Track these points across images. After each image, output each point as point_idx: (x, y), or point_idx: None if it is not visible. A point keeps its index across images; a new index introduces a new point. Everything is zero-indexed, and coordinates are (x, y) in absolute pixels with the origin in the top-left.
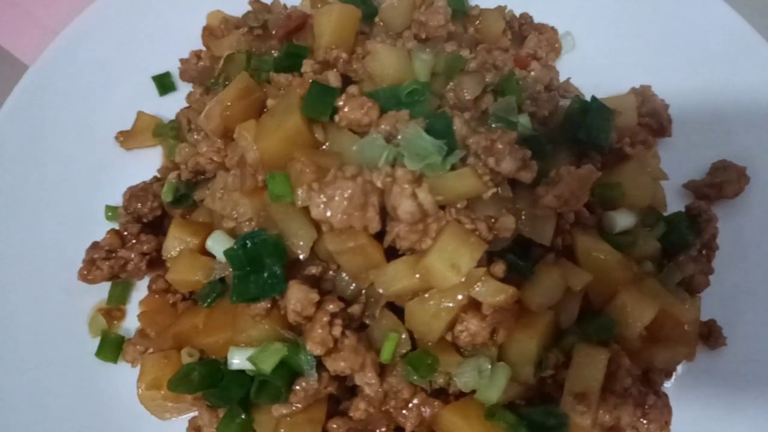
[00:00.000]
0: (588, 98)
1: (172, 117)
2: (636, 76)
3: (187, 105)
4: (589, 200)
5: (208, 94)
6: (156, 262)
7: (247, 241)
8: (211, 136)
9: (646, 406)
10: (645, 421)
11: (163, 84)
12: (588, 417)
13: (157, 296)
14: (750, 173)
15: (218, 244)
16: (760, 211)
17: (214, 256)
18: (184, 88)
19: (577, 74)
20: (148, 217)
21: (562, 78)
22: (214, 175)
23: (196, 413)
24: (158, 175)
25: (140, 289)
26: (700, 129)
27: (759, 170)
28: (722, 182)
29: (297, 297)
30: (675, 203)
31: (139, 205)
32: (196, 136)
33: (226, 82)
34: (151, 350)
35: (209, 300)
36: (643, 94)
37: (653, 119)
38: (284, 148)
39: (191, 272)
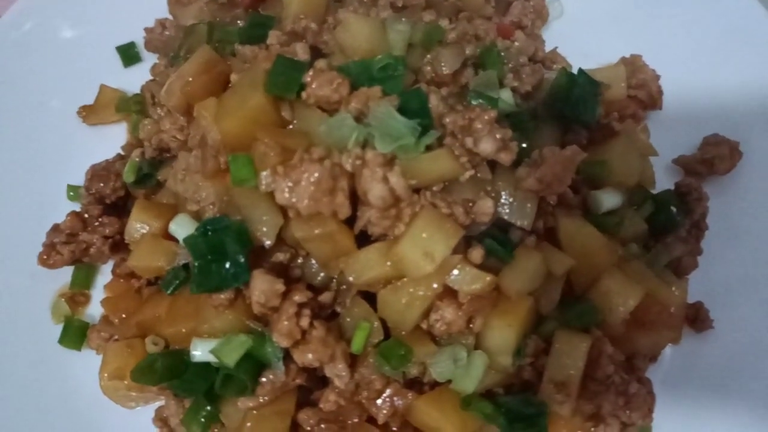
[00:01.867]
0: (575, 68)
1: (138, 91)
2: (627, 43)
3: (152, 78)
4: (574, 179)
5: (173, 66)
6: (120, 245)
7: (209, 228)
8: (174, 113)
9: (629, 394)
10: (627, 410)
11: (128, 55)
12: (568, 406)
13: (121, 281)
14: (743, 148)
15: (182, 228)
16: (753, 189)
17: (178, 240)
18: (150, 60)
19: (564, 42)
20: (110, 198)
21: (548, 47)
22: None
23: (163, 402)
24: (122, 153)
25: (106, 273)
26: (692, 101)
27: (753, 145)
28: (713, 158)
29: (261, 288)
30: (664, 180)
31: (101, 185)
32: (159, 112)
33: (188, 56)
34: (116, 337)
35: (172, 287)
36: (633, 63)
37: (643, 91)
38: (247, 128)
39: (153, 258)
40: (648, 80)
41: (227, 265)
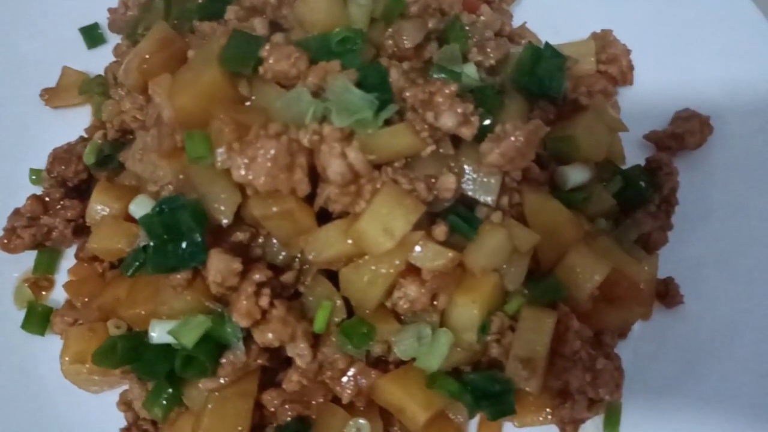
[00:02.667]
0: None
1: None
2: (599, 19)
3: (115, 59)
4: (541, 154)
5: (135, 46)
6: (83, 229)
7: (164, 207)
8: (133, 93)
9: (596, 370)
10: (594, 386)
11: (92, 36)
12: (534, 382)
13: (85, 265)
14: (714, 123)
15: (141, 209)
16: (723, 163)
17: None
18: (115, 41)
19: (536, 18)
20: (73, 181)
21: (518, 22)
22: None
23: (127, 386)
24: (85, 135)
25: (71, 258)
26: (664, 76)
27: (724, 119)
28: (684, 132)
29: (217, 267)
30: (636, 156)
31: (63, 167)
32: (120, 92)
33: (145, 33)
34: (81, 322)
35: (132, 269)
36: (603, 39)
37: (614, 66)
38: (201, 104)
39: (113, 240)
40: (618, 55)
41: (184, 245)
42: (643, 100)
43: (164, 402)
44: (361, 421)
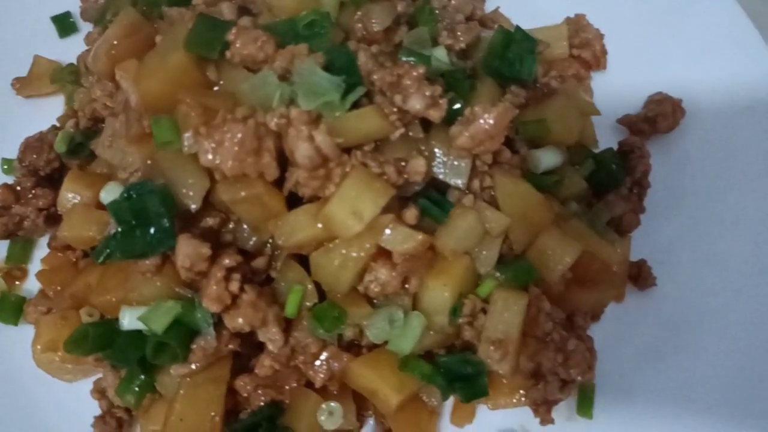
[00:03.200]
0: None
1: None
2: (573, 4)
3: (87, 47)
4: (513, 138)
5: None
6: (55, 218)
7: (132, 193)
8: (103, 80)
9: (567, 351)
10: (566, 367)
11: (63, 25)
12: (506, 364)
13: (58, 254)
14: (687, 106)
15: (112, 196)
16: (695, 146)
17: None
18: (87, 30)
19: (509, 3)
20: (45, 170)
21: (492, 6)
22: None
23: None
24: (57, 124)
25: (44, 247)
26: (637, 61)
27: (697, 103)
28: (656, 116)
29: (185, 252)
30: (610, 140)
31: (35, 156)
32: (91, 80)
33: (114, 19)
34: (55, 311)
35: (103, 256)
36: (577, 23)
37: (587, 50)
38: (168, 89)
39: (85, 227)
40: (592, 39)
41: (152, 231)
42: (616, 85)
43: (137, 389)
44: (333, 404)
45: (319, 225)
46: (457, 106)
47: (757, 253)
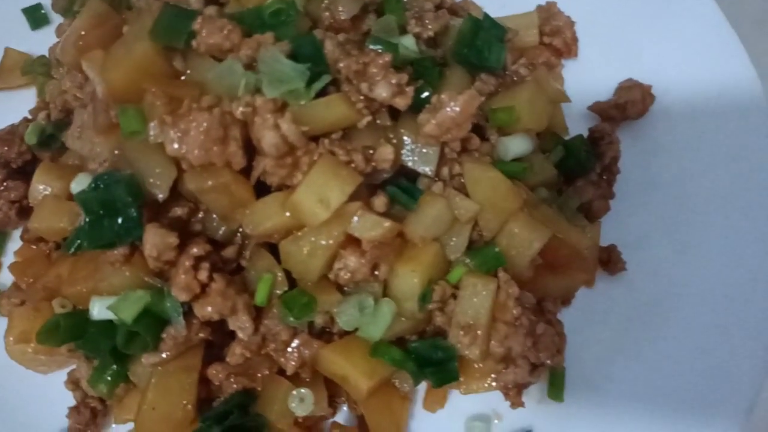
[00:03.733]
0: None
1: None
2: None
3: (58, 39)
4: (483, 126)
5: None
6: (28, 210)
7: (99, 183)
8: (72, 71)
9: (536, 335)
10: (535, 350)
11: (35, 17)
12: (476, 348)
13: (32, 246)
14: (657, 93)
15: (82, 187)
16: (665, 132)
17: None
18: (59, 22)
19: None
20: (16, 162)
21: None
22: None
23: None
24: (29, 117)
25: (17, 239)
26: (609, 48)
27: (667, 89)
28: (626, 102)
29: (153, 241)
30: (582, 127)
31: (6, 148)
32: (61, 71)
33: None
34: (28, 303)
35: (73, 247)
36: (548, 11)
37: (558, 38)
38: (134, 79)
39: (55, 219)
40: (563, 27)
41: (120, 220)
42: (588, 72)
43: (109, 378)
44: (304, 390)
45: (287, 213)
46: (426, 94)
47: (726, 238)
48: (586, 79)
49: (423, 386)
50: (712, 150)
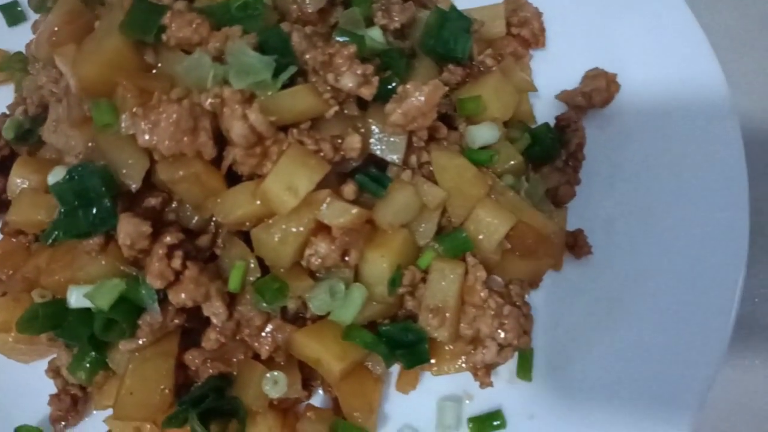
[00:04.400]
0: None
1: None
2: None
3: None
4: (452, 115)
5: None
6: (6, 204)
7: (74, 175)
8: (48, 66)
9: (503, 316)
10: (502, 331)
11: (11, 14)
12: (444, 330)
13: (12, 239)
14: (624, 82)
15: (59, 179)
16: (630, 119)
17: None
18: (35, 18)
19: None
20: None
21: None
22: None
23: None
24: (7, 112)
25: None
26: (577, 38)
27: (634, 79)
28: (592, 90)
29: (127, 230)
30: (551, 116)
31: None
32: (37, 67)
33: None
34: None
35: (51, 238)
36: (515, 2)
37: (526, 29)
38: (105, 72)
39: (33, 211)
40: (530, 18)
41: (94, 210)
42: (557, 62)
43: (88, 366)
44: (277, 373)
45: (257, 201)
46: (393, 84)
47: (686, 226)
48: (555, 69)
49: (397, 369)
50: (675, 140)
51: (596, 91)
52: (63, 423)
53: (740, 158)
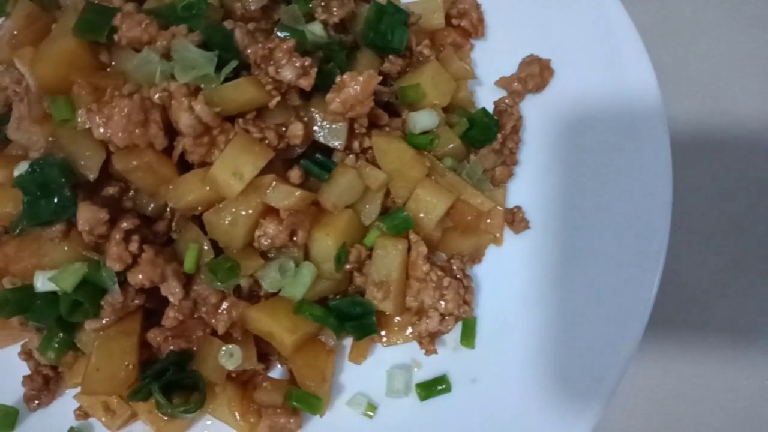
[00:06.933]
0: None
1: None
2: None
3: None
4: (394, 103)
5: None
6: None
7: (35, 167)
8: (10, 68)
9: (443, 288)
10: (443, 302)
11: None
12: (389, 303)
13: None
14: (558, 68)
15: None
16: (565, 102)
17: None
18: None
19: None
20: None
21: None
22: None
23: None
24: None
25: None
26: (515, 28)
27: (567, 62)
28: (527, 76)
29: (85, 217)
30: (493, 102)
31: None
32: (1, 68)
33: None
34: None
35: (18, 229)
36: None
37: (465, 20)
38: (61, 72)
39: (1, 204)
40: (469, 9)
41: (55, 200)
42: (497, 51)
43: (56, 346)
44: (231, 346)
45: (207, 187)
46: (336, 76)
47: (616, 206)
48: (496, 58)
49: (350, 342)
50: (605, 127)
51: (530, 77)
52: (36, 402)
53: (665, 145)
